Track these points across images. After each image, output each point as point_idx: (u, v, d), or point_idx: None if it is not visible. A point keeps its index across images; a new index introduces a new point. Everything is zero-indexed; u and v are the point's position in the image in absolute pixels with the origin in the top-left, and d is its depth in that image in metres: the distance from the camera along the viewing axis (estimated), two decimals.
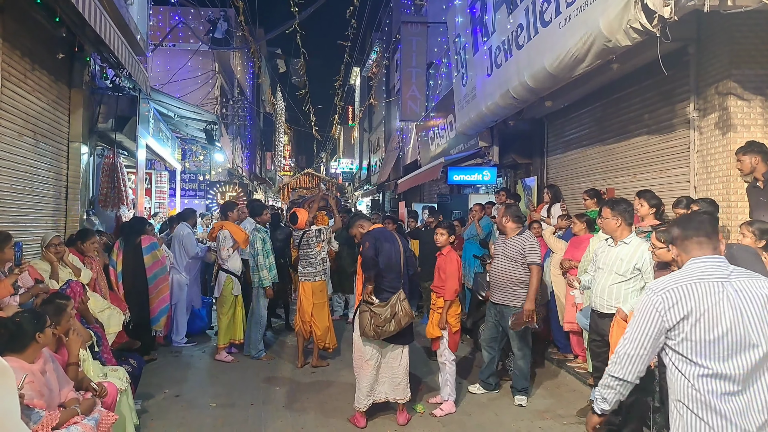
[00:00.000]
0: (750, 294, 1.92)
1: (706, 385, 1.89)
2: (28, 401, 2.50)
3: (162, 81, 13.33)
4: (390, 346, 4.39)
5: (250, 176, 23.95)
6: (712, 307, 1.91)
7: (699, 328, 1.91)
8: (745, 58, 4.82)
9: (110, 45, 5.43)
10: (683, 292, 1.95)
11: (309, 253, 5.97)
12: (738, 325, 1.89)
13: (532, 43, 6.32)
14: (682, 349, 1.94)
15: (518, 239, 4.86)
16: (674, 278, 2.03)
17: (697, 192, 5.29)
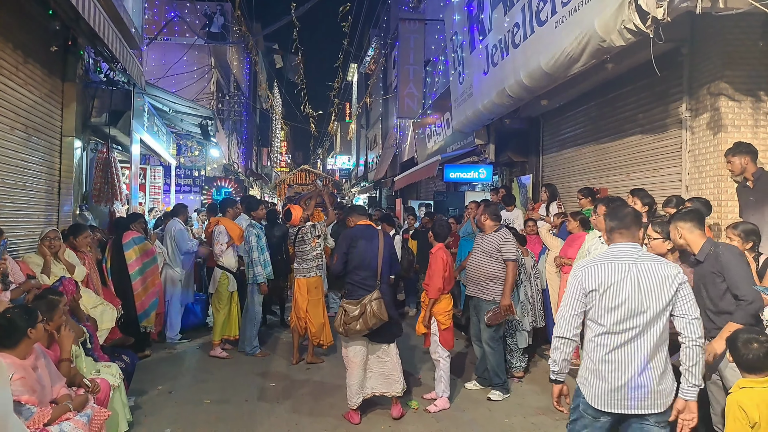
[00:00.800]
0: (650, 273, 2.44)
1: (602, 341, 2.47)
2: (17, 397, 2.50)
3: (157, 75, 13.26)
4: (375, 344, 4.43)
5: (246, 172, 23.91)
6: (617, 283, 2.44)
7: (605, 298, 2.45)
8: (737, 59, 4.85)
9: (104, 38, 5.40)
10: (597, 270, 2.49)
11: (304, 249, 5.94)
12: (635, 297, 2.42)
13: (528, 42, 6.33)
14: (592, 314, 2.51)
15: (495, 236, 4.94)
16: (595, 259, 2.57)
17: (688, 191, 5.33)
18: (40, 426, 2.58)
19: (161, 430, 4.07)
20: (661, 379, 2.43)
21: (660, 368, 2.43)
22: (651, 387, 2.41)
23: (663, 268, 2.46)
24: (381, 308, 4.21)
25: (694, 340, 2.41)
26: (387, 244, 4.49)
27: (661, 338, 2.45)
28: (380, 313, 4.20)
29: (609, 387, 2.44)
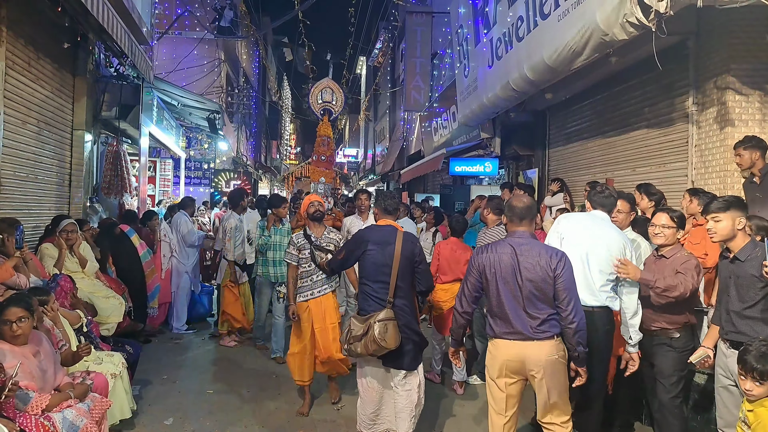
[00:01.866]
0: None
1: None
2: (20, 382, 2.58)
3: (167, 69, 13.36)
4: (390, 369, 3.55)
5: (255, 165, 24.04)
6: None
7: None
8: (744, 52, 4.81)
9: (113, 34, 5.49)
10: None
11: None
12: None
13: (532, 35, 6.32)
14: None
15: (497, 229, 4.94)
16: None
17: (694, 186, 5.30)
18: (38, 411, 2.64)
19: (164, 419, 4.16)
20: None
21: None
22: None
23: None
24: (386, 333, 3.29)
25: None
26: (407, 252, 3.47)
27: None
28: (382, 338, 3.28)
29: None
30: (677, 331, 3.33)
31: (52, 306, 3.46)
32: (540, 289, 2.82)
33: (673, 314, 3.34)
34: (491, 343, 3.02)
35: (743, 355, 2.59)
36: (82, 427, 2.79)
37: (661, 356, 3.37)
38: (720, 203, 3.05)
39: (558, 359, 2.85)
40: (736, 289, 2.99)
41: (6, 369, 2.47)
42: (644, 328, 3.43)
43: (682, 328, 3.33)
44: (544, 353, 2.82)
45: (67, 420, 2.76)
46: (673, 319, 3.34)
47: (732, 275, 3.04)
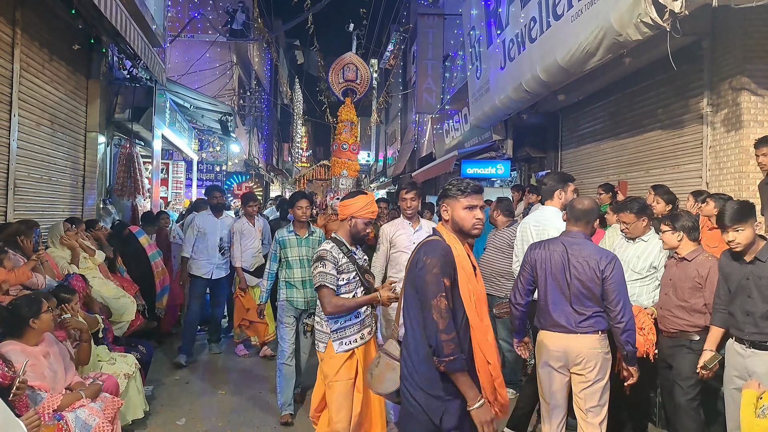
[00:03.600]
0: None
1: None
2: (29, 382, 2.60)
3: (180, 72, 13.49)
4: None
5: (267, 167, 24.16)
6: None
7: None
8: (759, 53, 4.74)
9: (126, 37, 5.54)
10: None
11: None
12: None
13: (545, 36, 6.28)
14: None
15: (508, 231, 4.90)
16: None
17: (709, 188, 5.22)
18: (50, 411, 2.67)
19: (176, 419, 4.18)
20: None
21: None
22: None
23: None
24: (374, 368, 2.44)
25: None
26: (413, 272, 2.21)
27: None
28: (370, 373, 2.47)
29: None
30: (697, 333, 3.32)
31: (73, 306, 3.50)
32: (587, 288, 2.89)
33: (695, 317, 3.31)
34: (540, 334, 3.12)
35: None
36: (95, 426, 2.82)
37: (680, 358, 3.36)
38: (737, 214, 2.96)
39: (601, 353, 2.92)
40: (758, 291, 2.92)
41: (15, 367, 2.50)
42: (663, 329, 3.46)
43: (702, 331, 3.31)
44: (586, 345, 2.91)
45: (80, 419, 2.78)
46: (694, 321, 3.32)
47: (751, 276, 2.97)
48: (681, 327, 3.36)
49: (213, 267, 5.71)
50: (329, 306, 2.82)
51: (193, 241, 5.65)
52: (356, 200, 3.11)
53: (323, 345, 2.99)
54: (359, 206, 3.07)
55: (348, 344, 2.94)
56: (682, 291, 3.37)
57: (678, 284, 3.40)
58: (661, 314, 3.50)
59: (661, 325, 3.49)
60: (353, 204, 3.08)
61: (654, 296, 3.69)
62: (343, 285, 2.93)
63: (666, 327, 3.42)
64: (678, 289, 3.39)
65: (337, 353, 2.91)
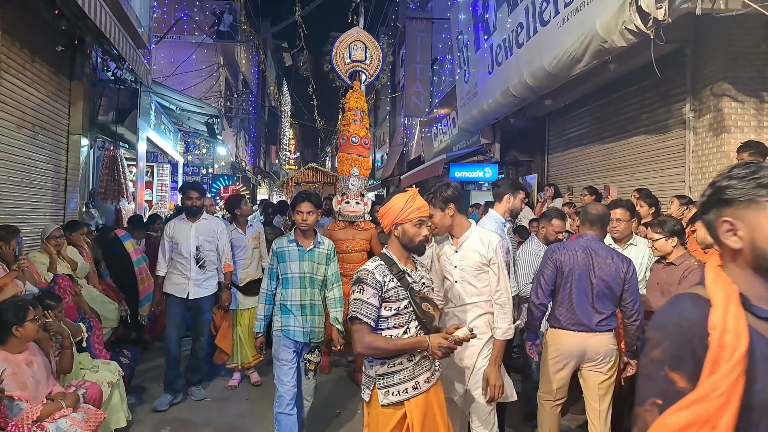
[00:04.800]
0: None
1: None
2: (9, 392, 2.54)
3: (166, 73, 13.36)
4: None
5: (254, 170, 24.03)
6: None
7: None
8: (740, 60, 4.82)
9: (110, 38, 5.47)
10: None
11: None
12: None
13: (532, 42, 6.32)
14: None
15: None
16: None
17: (692, 192, 5.30)
18: (30, 422, 2.61)
19: (161, 427, 4.11)
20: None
21: None
22: None
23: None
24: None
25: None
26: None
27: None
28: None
29: None
30: None
31: (57, 314, 3.43)
32: (610, 288, 3.06)
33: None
34: (552, 333, 3.24)
35: None
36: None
37: None
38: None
39: (615, 349, 3.16)
40: None
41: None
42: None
43: None
44: (604, 343, 3.12)
45: (61, 429, 2.72)
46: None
47: None
48: None
49: (189, 283, 4.52)
50: (359, 345, 2.20)
51: (168, 255, 4.57)
52: (392, 202, 2.40)
53: (368, 392, 2.30)
54: (398, 208, 2.35)
55: (397, 395, 2.24)
56: (670, 295, 3.40)
57: (666, 288, 3.43)
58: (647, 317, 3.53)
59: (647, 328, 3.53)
60: (390, 208, 2.39)
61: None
62: (391, 316, 2.24)
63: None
64: (666, 293, 3.42)
65: (382, 406, 2.24)
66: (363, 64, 5.99)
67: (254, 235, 5.16)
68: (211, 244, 4.60)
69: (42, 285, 4.12)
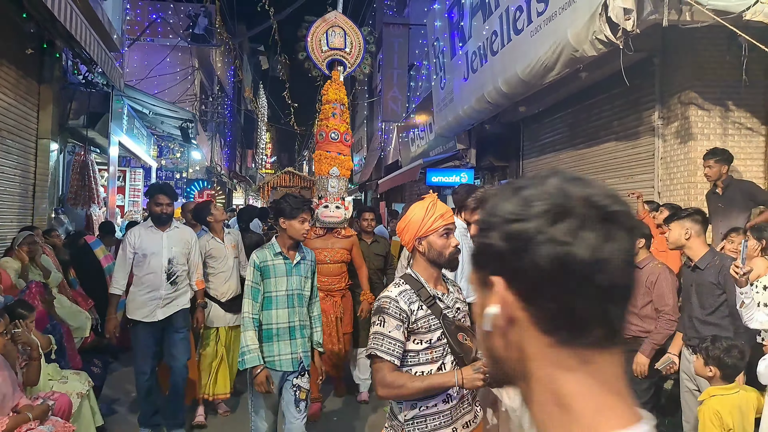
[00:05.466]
0: None
1: None
2: None
3: (139, 76, 13.15)
4: None
5: (230, 174, 23.78)
6: None
7: None
8: (706, 70, 4.97)
9: (81, 41, 5.37)
10: None
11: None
12: None
13: (506, 49, 6.42)
14: None
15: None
16: None
17: (661, 197, 5.43)
18: None
19: None
20: None
21: None
22: None
23: None
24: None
25: None
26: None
27: None
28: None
29: None
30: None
31: (28, 324, 3.34)
32: None
33: (646, 322, 3.43)
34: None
35: (707, 346, 2.67)
36: None
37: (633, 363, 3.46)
38: (674, 211, 3.24)
39: None
40: (698, 297, 3.13)
41: None
42: None
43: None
44: None
45: None
46: (645, 327, 3.44)
47: (693, 283, 3.18)
48: (634, 333, 3.45)
49: (158, 304, 3.83)
50: (380, 386, 1.87)
51: (126, 270, 3.86)
52: (411, 214, 2.02)
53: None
54: (419, 219, 1.98)
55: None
56: (634, 297, 3.49)
57: None
58: None
59: None
60: (409, 221, 2.01)
61: None
62: (422, 351, 1.91)
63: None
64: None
65: None
66: (342, 52, 5.41)
67: (233, 243, 4.59)
68: (183, 257, 3.96)
69: (10, 294, 4.01)
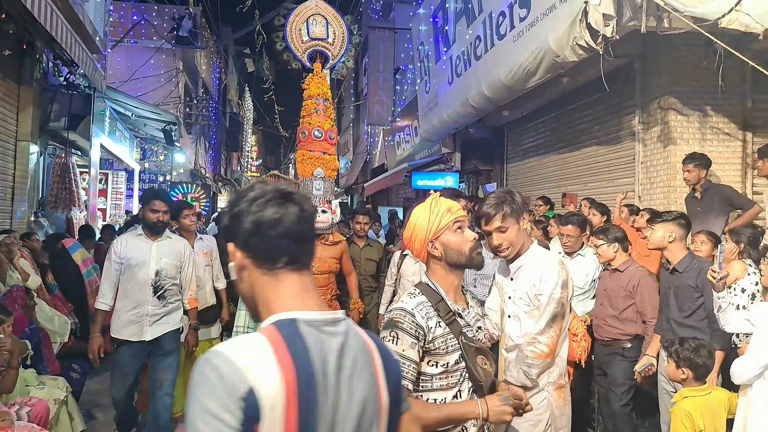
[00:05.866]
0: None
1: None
2: None
3: (123, 78, 13.01)
4: None
5: (214, 177, 23.60)
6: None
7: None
8: (685, 75, 5.06)
9: (62, 42, 5.31)
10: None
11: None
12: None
13: (489, 54, 6.48)
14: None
15: None
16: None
17: (641, 201, 5.52)
18: None
19: None
20: None
21: None
22: None
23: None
24: None
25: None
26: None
27: None
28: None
29: None
30: (629, 341, 3.48)
31: (5, 328, 3.28)
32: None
33: (627, 325, 3.47)
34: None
35: (677, 349, 2.70)
36: None
37: (614, 365, 3.52)
38: (655, 214, 3.31)
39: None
40: (676, 299, 3.17)
41: None
42: (599, 338, 3.61)
43: (633, 339, 3.47)
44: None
45: None
46: (626, 330, 3.48)
47: (672, 286, 3.21)
48: (614, 335, 3.51)
49: (145, 321, 3.45)
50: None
51: (112, 282, 3.50)
52: (414, 218, 1.79)
53: None
54: (425, 220, 1.75)
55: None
56: (615, 301, 3.53)
57: (612, 294, 3.56)
58: (596, 324, 3.65)
59: (596, 334, 3.65)
60: (415, 225, 1.77)
61: (585, 306, 3.87)
62: (437, 375, 1.67)
63: (601, 336, 3.58)
64: (612, 299, 3.55)
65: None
66: (324, 42, 4.99)
67: (205, 251, 4.30)
68: (174, 270, 3.59)
69: None
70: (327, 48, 5.00)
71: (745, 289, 3.18)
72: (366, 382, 1.01)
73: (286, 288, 1.04)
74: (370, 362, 1.05)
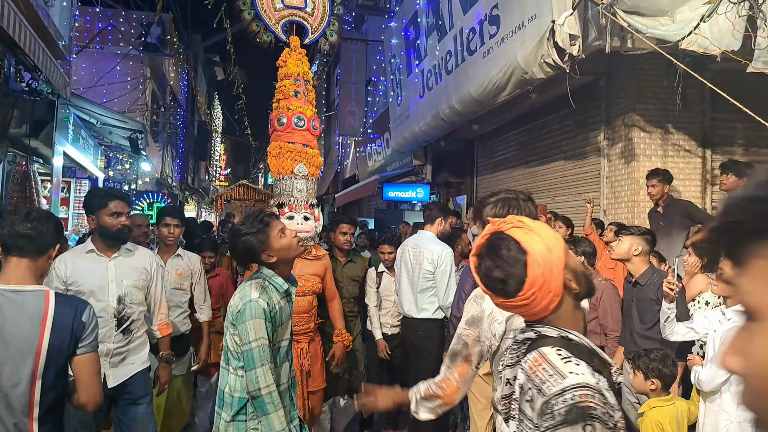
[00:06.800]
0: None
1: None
2: None
3: (88, 84, 12.69)
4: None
5: (182, 186, 23.15)
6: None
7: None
8: (648, 93, 5.25)
9: (24, 47, 5.14)
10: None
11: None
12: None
13: (460, 69, 6.60)
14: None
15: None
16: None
17: (606, 215, 5.67)
18: None
19: None
20: None
21: None
22: None
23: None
24: None
25: None
26: None
27: None
28: None
29: None
30: None
31: None
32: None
33: (590, 338, 3.53)
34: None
35: (645, 360, 2.75)
36: None
37: None
38: (624, 228, 3.47)
39: None
40: (638, 312, 3.27)
41: None
42: None
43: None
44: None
45: None
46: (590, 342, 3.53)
47: (634, 298, 3.32)
48: None
49: (105, 364, 2.61)
50: None
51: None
52: (546, 240, 1.25)
53: None
54: (560, 245, 1.28)
55: None
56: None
57: None
58: None
59: None
60: (553, 254, 1.24)
61: None
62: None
63: None
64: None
65: None
66: (302, 12, 4.08)
67: (179, 271, 3.59)
68: (140, 293, 2.83)
69: None
70: (305, 19, 4.10)
71: (709, 302, 3.30)
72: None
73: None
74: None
